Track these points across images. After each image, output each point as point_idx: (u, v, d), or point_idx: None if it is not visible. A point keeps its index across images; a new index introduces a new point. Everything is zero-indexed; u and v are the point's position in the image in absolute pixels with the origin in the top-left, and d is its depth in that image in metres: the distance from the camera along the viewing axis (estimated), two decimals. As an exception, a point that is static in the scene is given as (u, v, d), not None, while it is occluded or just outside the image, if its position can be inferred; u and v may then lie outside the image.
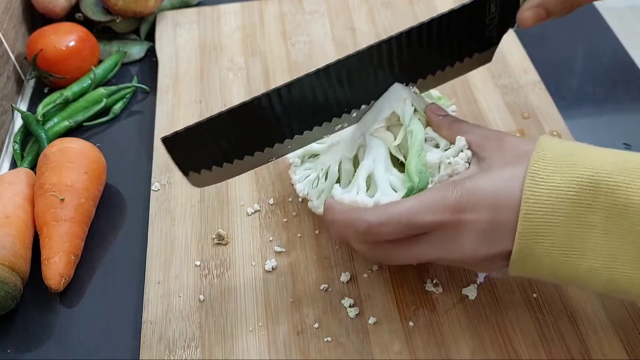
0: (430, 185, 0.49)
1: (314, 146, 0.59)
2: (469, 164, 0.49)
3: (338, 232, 0.49)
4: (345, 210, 0.48)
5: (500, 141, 0.48)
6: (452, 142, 0.51)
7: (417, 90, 0.55)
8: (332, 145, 0.57)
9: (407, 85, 0.55)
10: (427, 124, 0.54)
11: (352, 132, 0.56)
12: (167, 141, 0.49)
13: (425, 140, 0.52)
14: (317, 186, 0.56)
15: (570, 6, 0.54)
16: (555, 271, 0.44)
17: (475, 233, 0.45)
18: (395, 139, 0.53)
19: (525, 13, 0.53)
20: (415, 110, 0.53)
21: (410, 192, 0.48)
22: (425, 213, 0.45)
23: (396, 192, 0.50)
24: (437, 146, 0.53)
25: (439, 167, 0.50)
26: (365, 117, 0.55)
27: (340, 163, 0.56)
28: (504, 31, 0.56)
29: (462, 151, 0.50)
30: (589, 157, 0.43)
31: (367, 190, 0.51)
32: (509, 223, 0.44)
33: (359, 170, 0.52)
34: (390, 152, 0.53)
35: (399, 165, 0.53)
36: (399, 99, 0.53)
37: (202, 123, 0.49)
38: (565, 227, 0.42)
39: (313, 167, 0.58)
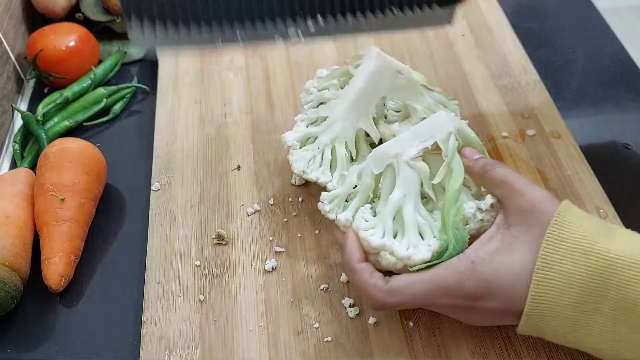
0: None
1: (312, 129, 0.60)
2: (494, 219, 0.48)
3: (352, 281, 0.49)
4: (365, 272, 0.48)
5: (527, 215, 0.46)
6: (483, 187, 0.50)
7: (465, 122, 0.53)
8: (328, 125, 0.59)
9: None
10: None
11: (347, 111, 0.58)
12: None
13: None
14: (319, 167, 0.58)
15: None
16: (561, 340, 0.46)
17: (486, 316, 0.47)
18: (430, 171, 0.50)
19: None
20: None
21: (443, 253, 0.47)
22: (440, 297, 0.46)
23: (423, 238, 0.49)
24: (468, 187, 0.52)
25: (470, 219, 0.49)
26: (402, 135, 0.52)
27: (334, 148, 0.58)
28: None
29: (492, 205, 0.49)
30: (604, 244, 0.43)
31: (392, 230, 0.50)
32: (520, 309, 0.45)
33: (389, 204, 0.50)
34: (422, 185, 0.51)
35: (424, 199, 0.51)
36: (444, 129, 0.50)
37: None
38: (573, 311, 0.43)
39: (310, 148, 0.59)
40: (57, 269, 0.56)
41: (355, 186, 0.53)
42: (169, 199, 0.64)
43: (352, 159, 0.60)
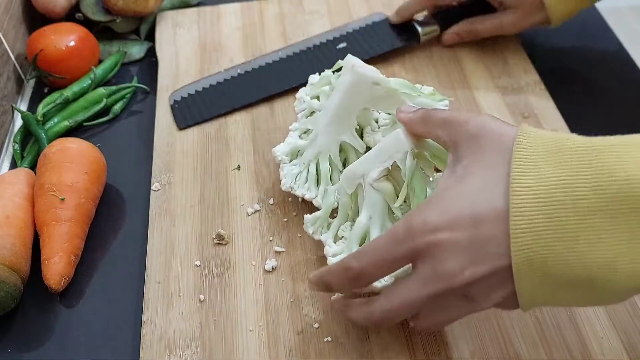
0: None
1: (300, 142, 0.60)
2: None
3: (335, 296, 0.50)
4: (330, 270, 0.46)
5: (476, 138, 0.43)
6: (430, 138, 0.49)
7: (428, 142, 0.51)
8: (313, 139, 0.59)
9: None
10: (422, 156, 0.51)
11: (328, 125, 0.58)
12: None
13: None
14: (304, 183, 0.59)
15: (475, 36, 0.75)
16: (570, 275, 0.38)
17: (457, 253, 0.40)
18: (394, 190, 0.51)
19: (447, 36, 0.76)
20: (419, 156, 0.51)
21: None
22: (397, 244, 0.42)
23: None
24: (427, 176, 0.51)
25: None
26: (367, 154, 0.52)
27: (318, 162, 0.59)
28: None
29: None
30: (577, 139, 0.41)
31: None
32: (496, 235, 0.39)
33: (355, 228, 0.51)
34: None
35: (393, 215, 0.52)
36: (401, 149, 0.50)
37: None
38: (564, 215, 0.38)
39: (298, 162, 0.60)
40: (57, 269, 0.56)
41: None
42: (169, 199, 0.64)
43: (340, 171, 0.58)
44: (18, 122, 0.75)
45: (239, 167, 0.66)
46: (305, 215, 0.56)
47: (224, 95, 0.73)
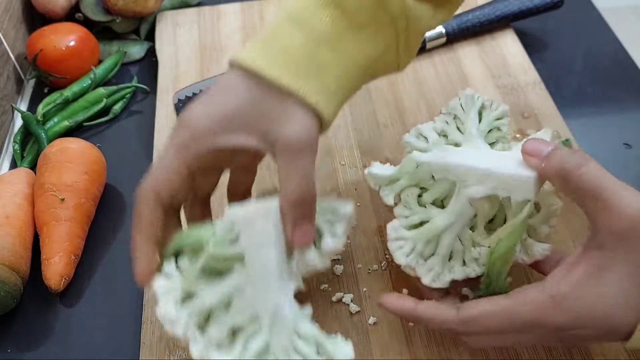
0: None
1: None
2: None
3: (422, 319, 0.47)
4: (430, 312, 0.46)
5: (629, 234, 0.39)
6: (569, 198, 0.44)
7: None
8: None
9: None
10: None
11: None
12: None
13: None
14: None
15: None
16: None
17: (579, 341, 0.43)
18: (489, 211, 0.48)
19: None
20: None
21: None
22: (519, 332, 0.42)
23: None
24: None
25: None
26: (483, 162, 0.47)
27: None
28: None
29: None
30: None
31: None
32: (624, 332, 0.40)
33: (426, 227, 0.48)
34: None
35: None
36: (524, 193, 0.45)
37: None
38: None
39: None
40: (57, 269, 0.56)
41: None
42: (169, 199, 0.64)
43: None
44: (18, 122, 0.75)
45: (239, 167, 0.65)
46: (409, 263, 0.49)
47: None
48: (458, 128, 0.52)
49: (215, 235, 0.45)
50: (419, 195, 0.50)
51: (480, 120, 0.52)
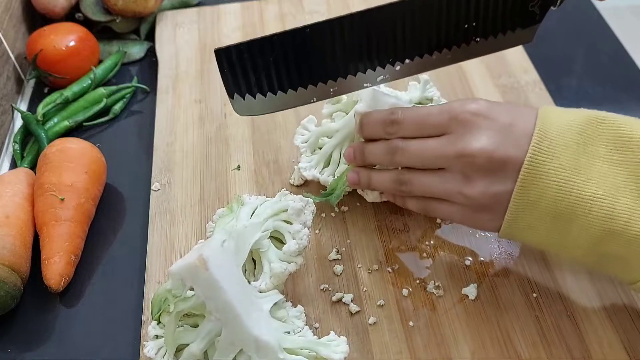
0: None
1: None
2: None
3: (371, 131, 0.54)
4: (374, 112, 0.54)
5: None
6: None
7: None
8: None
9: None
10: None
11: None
12: (219, 53, 0.50)
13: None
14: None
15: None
16: (558, 199, 0.45)
17: (487, 132, 0.47)
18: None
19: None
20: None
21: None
22: (438, 112, 0.50)
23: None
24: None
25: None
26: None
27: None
28: (547, 9, 0.55)
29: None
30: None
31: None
32: (525, 131, 0.47)
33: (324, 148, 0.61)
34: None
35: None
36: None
37: (258, 40, 0.50)
38: (573, 152, 0.46)
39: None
40: (57, 269, 0.56)
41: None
42: (169, 199, 0.64)
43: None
44: (18, 122, 0.75)
45: (238, 167, 0.66)
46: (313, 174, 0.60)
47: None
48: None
49: (172, 294, 0.46)
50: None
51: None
